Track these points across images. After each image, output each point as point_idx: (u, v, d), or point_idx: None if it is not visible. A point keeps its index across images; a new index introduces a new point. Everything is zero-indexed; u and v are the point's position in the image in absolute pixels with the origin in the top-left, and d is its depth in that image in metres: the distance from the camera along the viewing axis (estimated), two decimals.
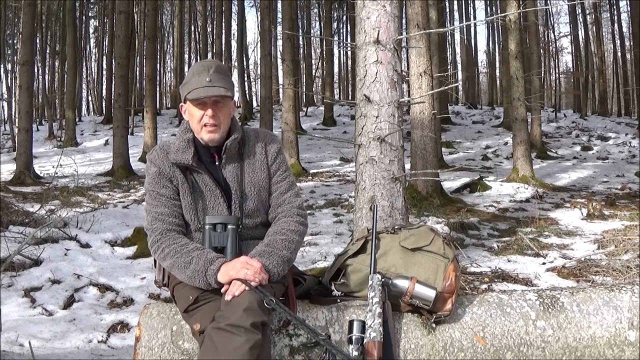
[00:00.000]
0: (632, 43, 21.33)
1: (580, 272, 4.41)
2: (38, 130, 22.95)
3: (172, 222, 1.79)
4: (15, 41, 26.09)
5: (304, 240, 1.91)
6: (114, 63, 16.60)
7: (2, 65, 23.21)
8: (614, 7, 28.30)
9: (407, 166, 7.34)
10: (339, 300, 1.94)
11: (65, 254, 4.97)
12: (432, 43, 10.24)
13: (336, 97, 32.56)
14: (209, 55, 28.57)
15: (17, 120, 14.98)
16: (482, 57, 40.81)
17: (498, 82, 31.10)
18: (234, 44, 29.82)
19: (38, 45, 24.72)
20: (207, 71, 1.78)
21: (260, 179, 1.89)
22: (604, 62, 29.32)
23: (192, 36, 32.28)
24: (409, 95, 7.68)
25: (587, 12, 28.52)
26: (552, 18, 29.96)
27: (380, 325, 1.67)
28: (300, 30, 25.85)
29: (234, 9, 28.49)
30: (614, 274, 4.21)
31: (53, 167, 12.29)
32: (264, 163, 1.90)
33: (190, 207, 1.82)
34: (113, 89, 17.36)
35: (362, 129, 3.41)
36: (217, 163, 1.86)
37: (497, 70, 31.69)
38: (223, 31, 24.90)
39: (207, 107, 1.79)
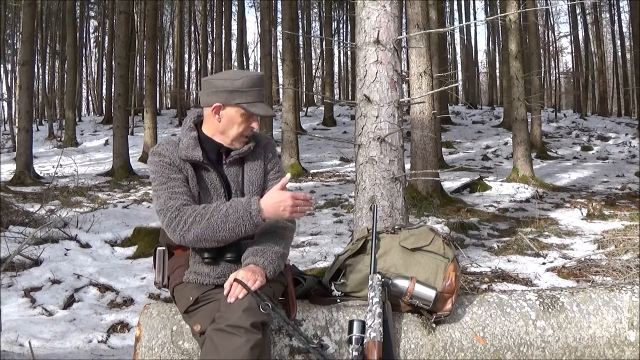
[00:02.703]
0: (632, 43, 21.33)
1: (580, 272, 4.41)
2: (38, 130, 22.95)
3: (187, 199, 1.77)
4: (15, 41, 26.10)
5: (294, 235, 1.95)
6: (114, 63, 16.61)
7: (2, 65, 23.22)
8: (614, 7, 28.34)
9: (407, 166, 7.33)
10: (338, 300, 1.94)
11: (65, 254, 4.97)
12: (432, 43, 10.23)
13: (336, 97, 32.58)
14: (209, 55, 28.58)
15: (17, 120, 15.00)
16: (482, 57, 40.91)
17: (498, 82, 31.08)
18: (234, 44, 29.84)
19: (38, 45, 24.71)
20: (262, 86, 1.86)
21: (257, 179, 1.91)
22: (604, 62, 29.33)
23: (192, 36, 32.29)
24: (409, 95, 7.68)
25: (587, 12, 28.54)
26: (552, 18, 30.00)
27: (380, 325, 1.67)
28: (300, 30, 25.86)
29: (234, 9, 28.50)
30: (614, 274, 4.20)
31: (53, 167, 12.29)
32: (261, 165, 1.93)
33: (195, 201, 1.83)
34: (113, 89, 17.36)
35: (362, 129, 3.41)
36: (223, 163, 1.88)
37: (497, 70, 31.67)
38: (223, 31, 24.88)
39: (253, 120, 1.86)
